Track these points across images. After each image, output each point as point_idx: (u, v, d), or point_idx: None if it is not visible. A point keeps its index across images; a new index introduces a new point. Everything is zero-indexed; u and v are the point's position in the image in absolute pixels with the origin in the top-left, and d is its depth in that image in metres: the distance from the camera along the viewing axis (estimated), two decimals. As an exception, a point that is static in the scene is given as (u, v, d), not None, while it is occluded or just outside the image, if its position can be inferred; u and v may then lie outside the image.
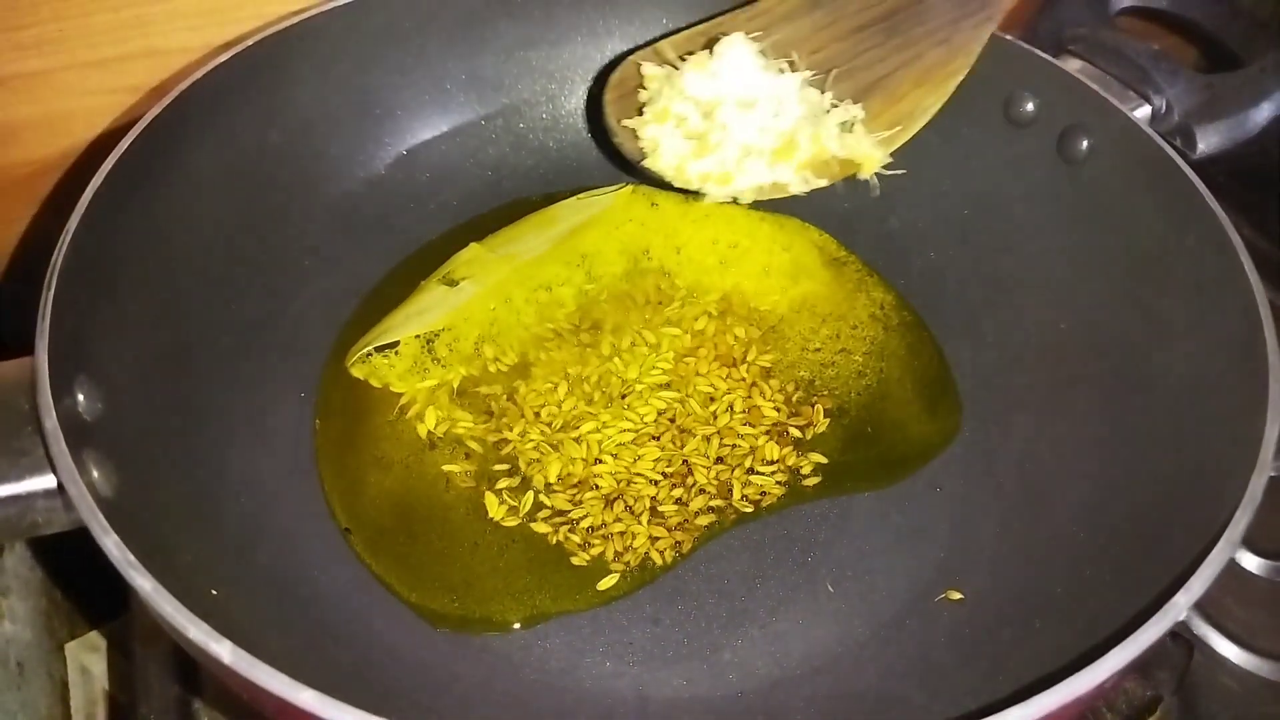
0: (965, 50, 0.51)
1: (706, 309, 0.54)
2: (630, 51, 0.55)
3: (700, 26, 0.53)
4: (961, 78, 0.51)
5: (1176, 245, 0.46)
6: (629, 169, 0.58)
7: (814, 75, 0.51)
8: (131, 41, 0.52)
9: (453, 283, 0.54)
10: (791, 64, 0.51)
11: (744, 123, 0.48)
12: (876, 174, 0.50)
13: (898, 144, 0.51)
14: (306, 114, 0.53)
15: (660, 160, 0.49)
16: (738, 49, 0.49)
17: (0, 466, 0.35)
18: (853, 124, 0.50)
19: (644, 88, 0.51)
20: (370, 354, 0.51)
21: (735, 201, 0.51)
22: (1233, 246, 0.43)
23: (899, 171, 0.50)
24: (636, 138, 0.50)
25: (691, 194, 0.52)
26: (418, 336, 0.52)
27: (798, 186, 0.50)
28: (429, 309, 0.53)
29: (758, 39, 0.50)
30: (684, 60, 0.50)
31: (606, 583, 0.45)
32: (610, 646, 0.44)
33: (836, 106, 0.50)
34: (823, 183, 0.50)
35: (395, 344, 0.51)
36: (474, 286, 0.53)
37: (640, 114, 0.50)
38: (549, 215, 0.57)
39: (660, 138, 0.49)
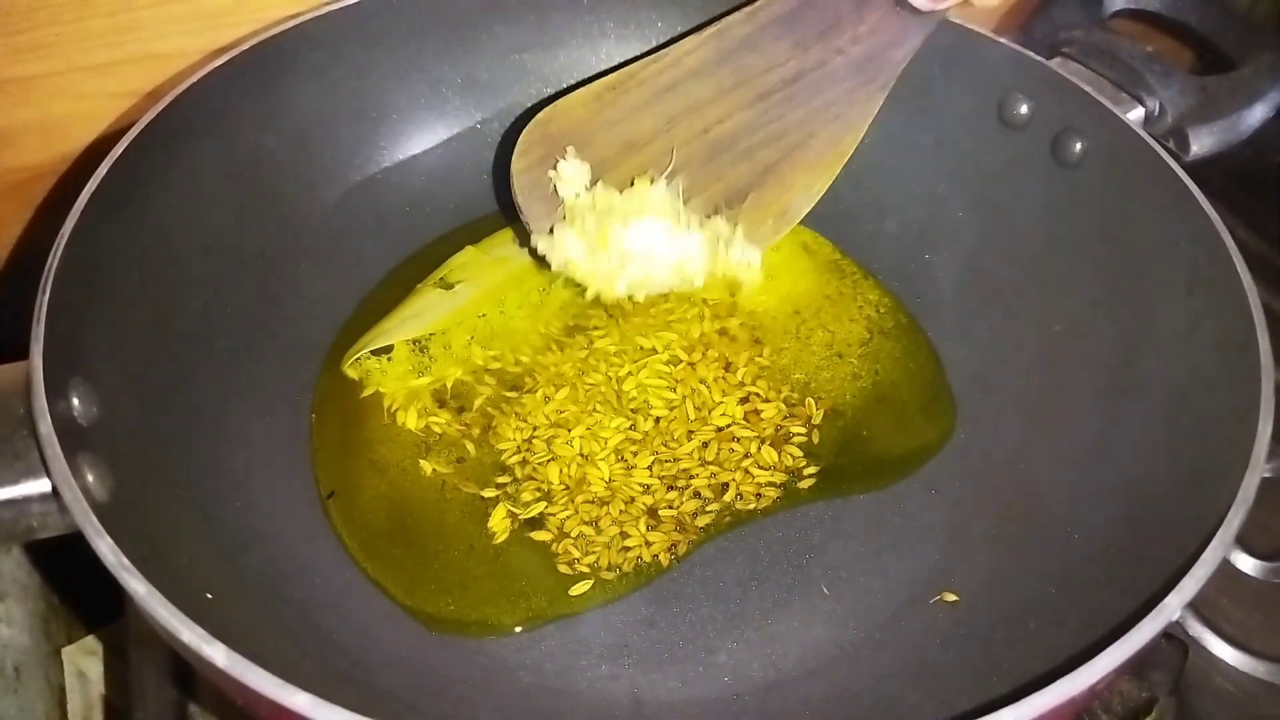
0: (856, 126, 0.52)
1: (701, 312, 0.54)
2: (627, 61, 0.55)
3: (612, 77, 0.54)
4: (849, 156, 0.52)
5: (1170, 247, 0.46)
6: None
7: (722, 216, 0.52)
8: (127, 46, 0.52)
9: (448, 286, 0.54)
10: (705, 214, 0.52)
11: (649, 264, 0.51)
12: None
13: (780, 236, 0.53)
14: (302, 118, 0.53)
15: (554, 256, 0.51)
16: (652, 229, 0.51)
17: (-5, 471, 0.35)
18: (747, 263, 0.52)
19: (555, 169, 0.52)
20: (365, 357, 0.51)
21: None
22: (1225, 248, 0.43)
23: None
24: (547, 218, 0.52)
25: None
26: (412, 340, 0.52)
27: (681, 286, 0.52)
28: (424, 312, 0.53)
29: (669, 89, 0.53)
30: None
31: (602, 585, 0.45)
32: (606, 649, 0.44)
33: (732, 243, 0.52)
34: (700, 283, 0.52)
35: (390, 348, 0.51)
36: (469, 290, 0.54)
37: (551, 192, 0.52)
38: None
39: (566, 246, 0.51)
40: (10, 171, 0.53)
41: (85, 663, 0.54)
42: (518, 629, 0.44)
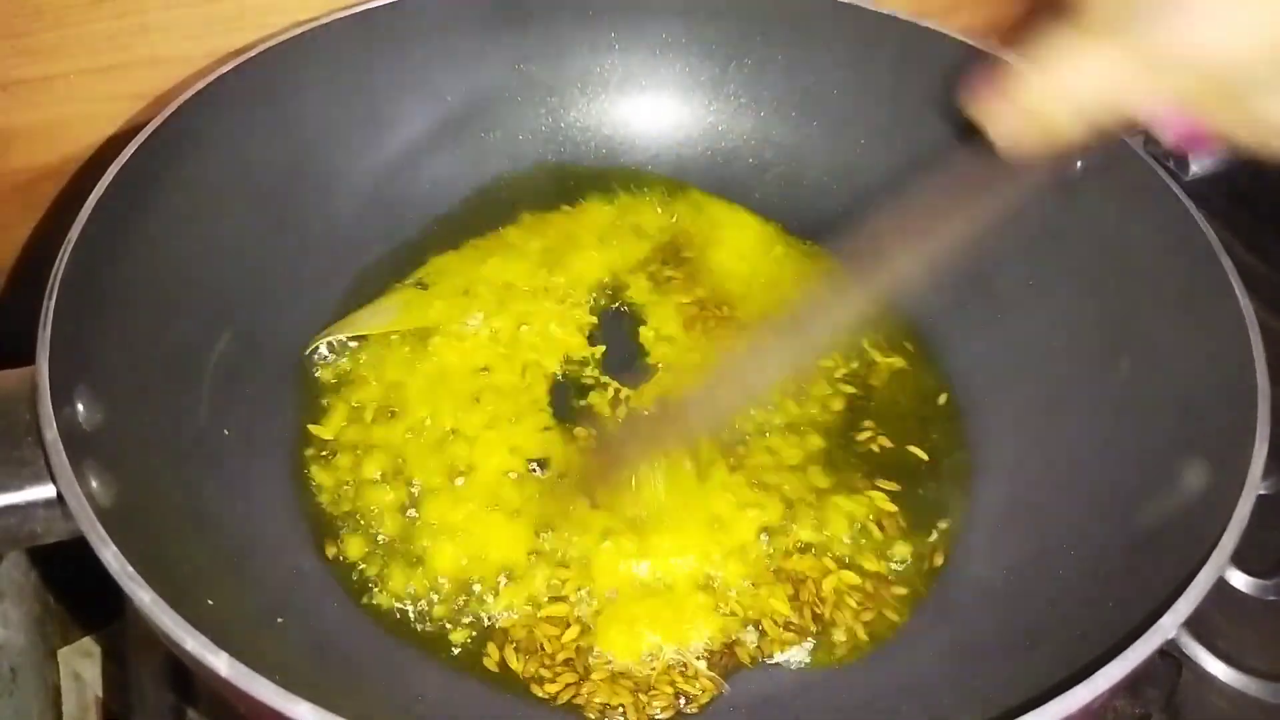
0: None
1: (699, 320, 0.54)
2: (630, 71, 0.55)
3: None
4: None
5: (1168, 266, 0.46)
6: (629, 178, 0.59)
7: None
8: (133, 49, 0.52)
9: (424, 287, 0.54)
10: None
11: None
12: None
13: None
14: (308, 125, 0.53)
15: None
16: None
17: (0, 476, 0.35)
18: None
19: None
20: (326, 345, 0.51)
21: None
22: (1223, 268, 0.43)
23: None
24: None
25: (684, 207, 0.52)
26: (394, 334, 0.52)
27: None
28: (393, 309, 0.53)
29: None
30: None
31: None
32: (603, 659, 0.44)
33: None
34: None
35: (363, 338, 0.51)
36: (443, 293, 0.53)
37: None
38: (539, 231, 0.57)
39: None
40: (14, 173, 0.54)
41: (81, 665, 0.54)
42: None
